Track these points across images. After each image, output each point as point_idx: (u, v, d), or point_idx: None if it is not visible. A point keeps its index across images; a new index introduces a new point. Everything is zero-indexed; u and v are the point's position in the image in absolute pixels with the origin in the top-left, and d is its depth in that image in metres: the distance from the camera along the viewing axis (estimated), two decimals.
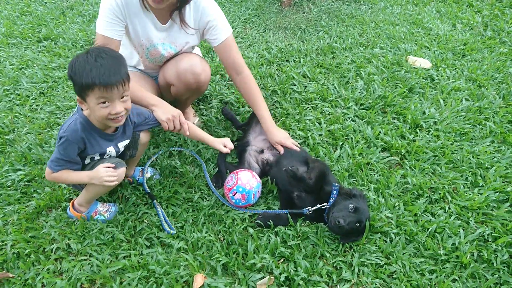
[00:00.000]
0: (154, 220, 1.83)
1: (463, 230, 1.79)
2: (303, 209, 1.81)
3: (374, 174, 2.09)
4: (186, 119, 2.35)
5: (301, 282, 1.56)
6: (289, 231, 1.77)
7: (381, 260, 1.67)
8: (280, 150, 2.05)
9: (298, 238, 1.76)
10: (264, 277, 1.59)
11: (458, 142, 2.31)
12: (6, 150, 2.22)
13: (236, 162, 2.18)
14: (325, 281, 1.59)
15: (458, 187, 2.02)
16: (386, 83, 2.79)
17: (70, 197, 1.93)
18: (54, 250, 1.69)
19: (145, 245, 1.73)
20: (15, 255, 1.67)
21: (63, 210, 1.87)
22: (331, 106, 2.58)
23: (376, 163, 2.14)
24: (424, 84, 2.80)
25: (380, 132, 2.35)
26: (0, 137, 2.30)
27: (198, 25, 2.01)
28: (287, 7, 3.94)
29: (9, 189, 1.98)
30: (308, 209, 1.80)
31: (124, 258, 1.67)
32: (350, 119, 2.48)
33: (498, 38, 3.42)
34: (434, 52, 3.21)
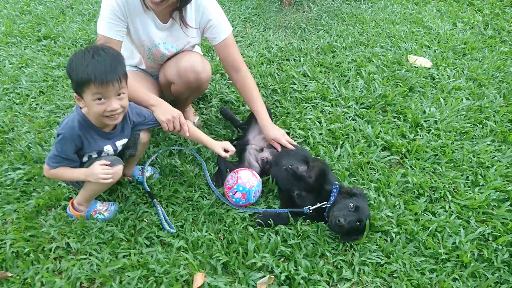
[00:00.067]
0: (154, 219, 1.83)
1: (464, 229, 1.79)
2: (304, 208, 1.81)
3: (375, 173, 2.08)
4: (186, 118, 2.35)
5: (301, 281, 1.56)
6: (289, 230, 1.77)
7: (381, 259, 1.67)
8: (277, 147, 2.05)
9: (299, 237, 1.75)
10: (264, 276, 1.59)
11: (458, 141, 2.31)
12: (5, 149, 2.22)
13: (236, 161, 2.18)
14: (325, 280, 1.59)
15: (458, 186, 2.02)
16: (387, 82, 2.78)
17: (70, 196, 1.92)
18: (53, 249, 1.69)
19: (145, 244, 1.72)
20: (14, 254, 1.66)
21: (63, 209, 1.86)
22: (332, 105, 2.58)
23: (376, 162, 2.13)
24: (424, 83, 2.79)
25: (380, 131, 2.34)
26: None
27: (199, 23, 2.01)
28: (287, 6, 3.93)
29: (8, 188, 1.97)
30: (308, 208, 1.80)
31: (124, 257, 1.67)
32: (351, 118, 2.48)
33: (499, 37, 3.41)
34: (435, 51, 3.21)
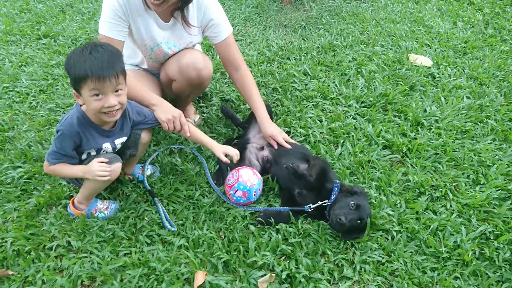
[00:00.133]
0: (155, 217, 1.83)
1: (465, 228, 1.78)
2: (304, 206, 1.81)
3: (375, 172, 2.08)
4: (187, 117, 2.36)
5: (302, 280, 1.56)
6: (290, 229, 1.77)
7: (382, 257, 1.67)
8: (273, 145, 2.06)
9: (300, 236, 1.75)
10: (265, 274, 1.58)
11: (459, 140, 2.30)
12: (6, 147, 2.21)
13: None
14: (326, 278, 1.59)
15: (459, 185, 2.02)
16: (387, 81, 2.78)
17: (71, 194, 1.92)
18: (54, 248, 1.69)
19: (145, 242, 1.72)
20: (15, 253, 1.66)
21: (63, 208, 1.86)
22: (332, 104, 2.58)
23: (377, 161, 2.13)
24: (425, 82, 2.79)
25: (381, 129, 2.34)
26: None
27: (201, 22, 2.02)
28: (288, 5, 3.93)
29: (9, 186, 1.97)
30: (309, 206, 1.80)
31: (124, 255, 1.67)
32: (351, 117, 2.47)
33: (499, 36, 3.41)
34: (435, 50, 3.21)
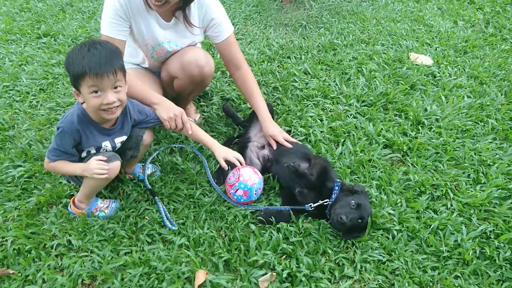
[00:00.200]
0: (156, 216, 1.83)
1: (466, 227, 1.78)
2: (305, 205, 1.81)
3: (376, 171, 2.08)
4: (187, 116, 2.35)
5: (303, 279, 1.56)
6: (291, 228, 1.77)
7: (383, 256, 1.67)
8: (272, 145, 2.06)
9: (300, 235, 1.75)
10: (266, 273, 1.58)
11: (460, 139, 2.30)
12: (6, 146, 2.21)
13: None
14: (327, 277, 1.59)
15: (460, 184, 2.02)
16: (388, 80, 2.78)
17: (71, 193, 1.92)
18: (55, 246, 1.69)
19: (146, 241, 1.72)
20: (16, 251, 1.66)
21: (64, 207, 1.86)
22: (333, 103, 2.57)
23: (378, 160, 2.13)
24: (425, 81, 2.79)
25: (381, 129, 2.34)
26: (0, 133, 2.29)
27: (202, 22, 2.02)
28: (288, 4, 3.92)
29: (9, 185, 1.97)
30: (310, 205, 1.80)
31: (125, 254, 1.66)
32: (352, 116, 2.47)
33: (500, 35, 3.41)
34: (436, 49, 3.20)
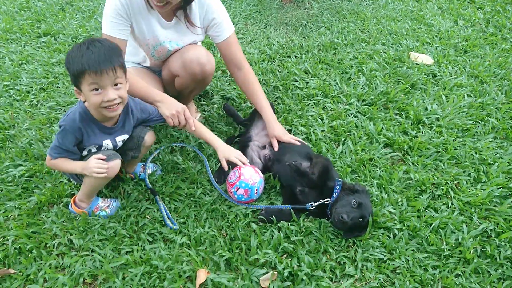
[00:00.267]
0: (157, 215, 1.83)
1: (466, 225, 1.79)
2: (306, 204, 1.81)
3: (377, 170, 2.08)
4: None
5: (304, 278, 1.56)
6: (292, 227, 1.77)
7: (384, 255, 1.67)
8: (274, 146, 2.05)
9: (301, 234, 1.75)
10: (267, 272, 1.58)
11: (460, 138, 2.30)
12: (6, 145, 2.21)
13: None
14: (328, 276, 1.59)
15: (461, 183, 2.02)
16: (388, 79, 2.78)
17: (72, 192, 1.92)
18: (56, 246, 1.69)
19: (147, 240, 1.72)
20: (17, 251, 1.66)
21: (65, 206, 1.86)
22: (333, 102, 2.57)
23: (378, 159, 2.13)
24: (426, 80, 2.79)
25: (382, 128, 2.34)
26: (0, 132, 2.29)
27: (203, 22, 2.02)
28: (288, 3, 3.92)
29: (10, 184, 1.97)
30: (311, 204, 1.80)
31: (126, 253, 1.66)
32: (352, 115, 2.47)
33: (500, 35, 3.41)
34: (436, 48, 3.20)
